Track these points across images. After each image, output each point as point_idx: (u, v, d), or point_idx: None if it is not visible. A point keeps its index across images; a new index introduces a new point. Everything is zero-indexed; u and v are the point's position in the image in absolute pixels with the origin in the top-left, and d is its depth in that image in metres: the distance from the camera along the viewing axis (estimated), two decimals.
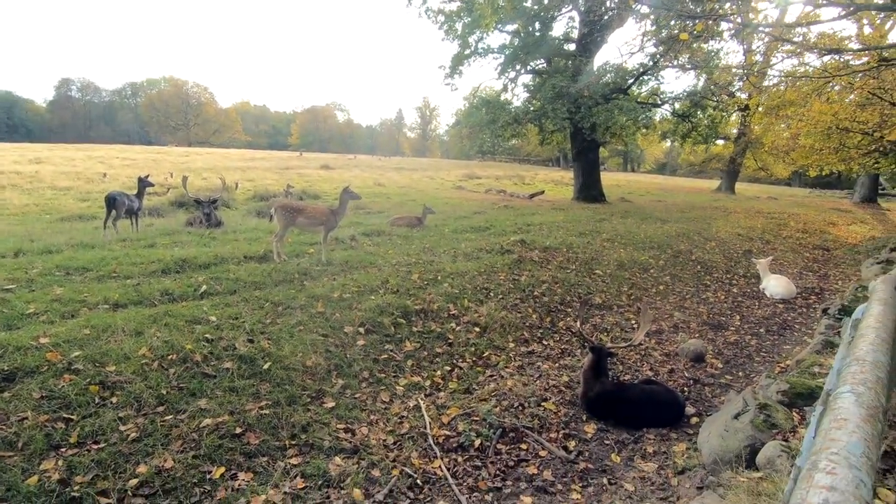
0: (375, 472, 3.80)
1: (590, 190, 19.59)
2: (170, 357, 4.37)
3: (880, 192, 28.77)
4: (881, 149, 14.64)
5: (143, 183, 9.54)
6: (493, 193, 21.62)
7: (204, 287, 5.94)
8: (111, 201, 8.68)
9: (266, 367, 4.59)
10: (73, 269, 6.16)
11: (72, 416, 3.61)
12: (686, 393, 5.43)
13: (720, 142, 30.99)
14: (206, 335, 4.77)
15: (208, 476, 3.50)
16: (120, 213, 8.80)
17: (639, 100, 18.29)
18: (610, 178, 31.42)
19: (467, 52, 19.12)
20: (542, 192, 21.73)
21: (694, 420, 4.81)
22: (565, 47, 19.56)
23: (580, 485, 3.95)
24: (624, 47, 46.05)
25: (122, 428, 3.63)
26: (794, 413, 3.60)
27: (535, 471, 4.07)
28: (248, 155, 41.13)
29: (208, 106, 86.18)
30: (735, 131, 29.09)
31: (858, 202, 25.80)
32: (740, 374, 6.06)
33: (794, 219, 17.90)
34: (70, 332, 4.43)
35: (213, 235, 8.92)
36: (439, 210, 12.95)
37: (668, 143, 49.95)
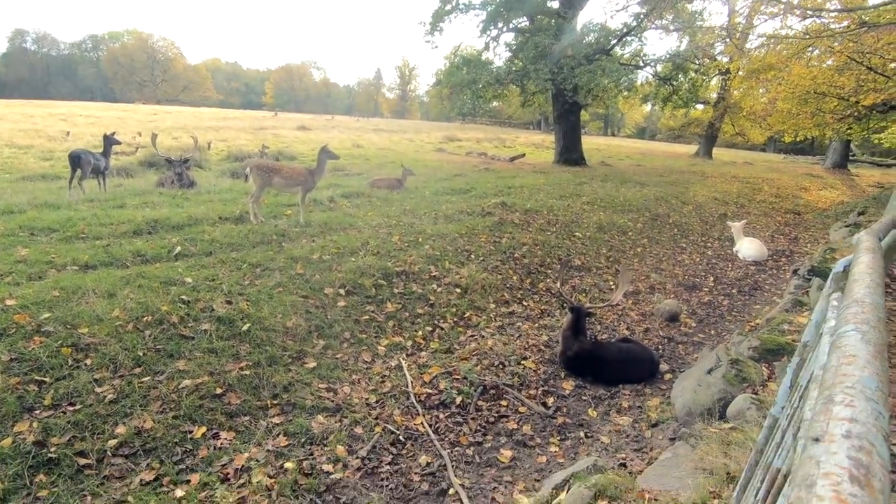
0: (358, 430, 3.85)
1: (570, 153, 19.51)
2: (145, 319, 4.28)
3: (851, 158, 29.42)
4: (855, 114, 14.87)
5: (108, 141, 9.09)
6: (473, 156, 21.38)
7: (178, 248, 5.78)
8: (76, 160, 8.27)
9: (245, 328, 4.53)
10: (38, 230, 5.91)
11: (44, 379, 3.53)
12: (660, 351, 5.59)
13: (700, 106, 31.03)
14: (183, 297, 4.67)
15: (189, 436, 3.49)
16: (86, 173, 8.41)
17: (622, 61, 18.05)
18: (590, 142, 31.38)
19: (448, 7, 18.44)
20: (523, 156, 21.58)
21: (667, 376, 4.98)
22: (549, 4, 19.02)
23: (558, 438, 4.07)
24: (608, 5, 45.05)
25: (98, 390, 3.57)
26: (763, 368, 3.74)
27: (515, 426, 4.18)
28: (221, 114, 39.62)
29: (176, 61, 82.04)
30: (715, 96, 29.13)
31: (830, 168, 26.40)
32: (712, 332, 6.26)
33: (767, 184, 18.25)
34: (38, 293, 4.28)
35: (186, 196, 8.63)
36: (419, 172, 12.76)
37: (648, 108, 49.88)
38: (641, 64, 19.18)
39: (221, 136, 20.66)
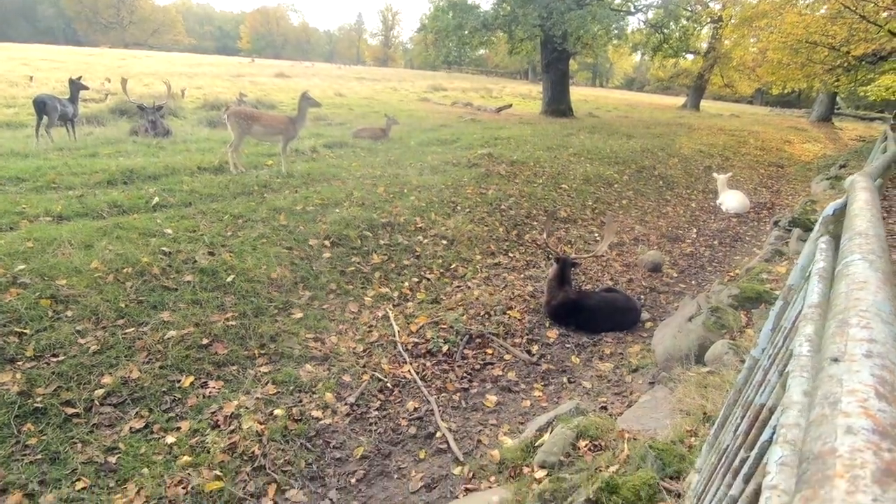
0: (346, 378, 3.90)
1: (558, 104, 19.14)
2: (125, 270, 4.19)
3: (836, 111, 29.44)
4: (845, 65, 14.73)
5: (75, 86, 8.60)
6: (459, 106, 20.85)
7: (156, 199, 5.61)
8: (41, 105, 7.84)
9: (229, 279, 4.49)
10: (6, 180, 5.66)
11: (24, 331, 3.47)
12: (642, 300, 5.71)
13: (690, 56, 30.43)
14: (163, 248, 4.57)
15: (177, 385, 3.50)
16: (53, 120, 8.00)
17: (612, 7, 17.45)
18: (578, 93, 30.80)
19: None
20: (510, 106, 21.12)
21: (648, 325, 5.11)
22: None
23: (542, 384, 4.19)
24: None
25: (81, 341, 3.53)
26: (742, 315, 3.84)
27: (500, 372, 4.28)
28: (195, 60, 37.68)
29: (144, 1, 77.03)
30: (705, 45, 28.56)
31: (815, 121, 26.41)
32: (693, 282, 6.40)
33: (753, 136, 18.24)
34: (11, 245, 4.14)
35: (162, 145, 8.31)
36: (404, 122, 12.44)
37: (638, 57, 48.77)
38: (633, 10, 18.59)
39: (196, 83, 19.74)
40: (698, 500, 1.50)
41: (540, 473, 2.77)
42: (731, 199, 9.57)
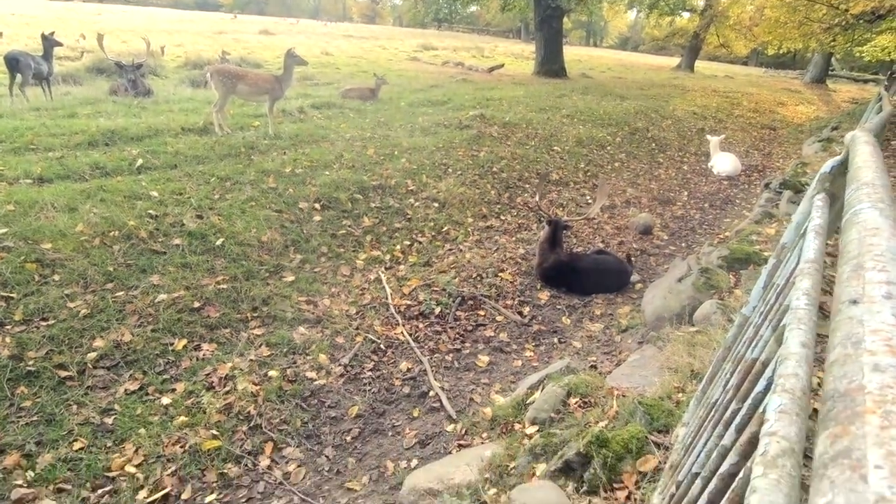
0: (340, 339, 3.93)
1: (551, 64, 18.71)
2: (111, 234, 4.12)
3: (830, 73, 29.16)
4: (843, 23, 14.47)
5: (48, 42, 8.21)
6: (450, 66, 20.30)
7: (140, 161, 5.46)
8: (13, 62, 7.49)
9: (219, 243, 4.43)
10: None
11: (11, 295, 3.42)
12: (633, 262, 5.75)
13: (686, 14, 29.72)
14: (150, 211, 4.49)
15: (170, 348, 3.51)
16: (27, 77, 7.67)
17: None
18: (572, 53, 30.08)
19: None
20: (502, 66, 20.60)
21: (638, 286, 5.17)
22: None
23: (533, 344, 4.26)
24: None
25: (70, 305, 3.50)
26: (731, 276, 3.89)
27: (492, 333, 4.34)
28: (174, 16, 36.09)
29: None
30: (702, 3, 27.84)
31: (809, 82, 26.19)
32: (683, 244, 6.45)
33: (747, 98, 18.07)
34: None
35: (143, 105, 8.03)
36: (393, 83, 12.11)
37: (633, 15, 47.54)
38: None
39: (176, 40, 18.96)
40: (686, 451, 1.54)
41: (531, 429, 2.84)
42: (723, 162, 9.55)
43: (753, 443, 0.74)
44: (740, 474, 0.66)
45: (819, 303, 0.96)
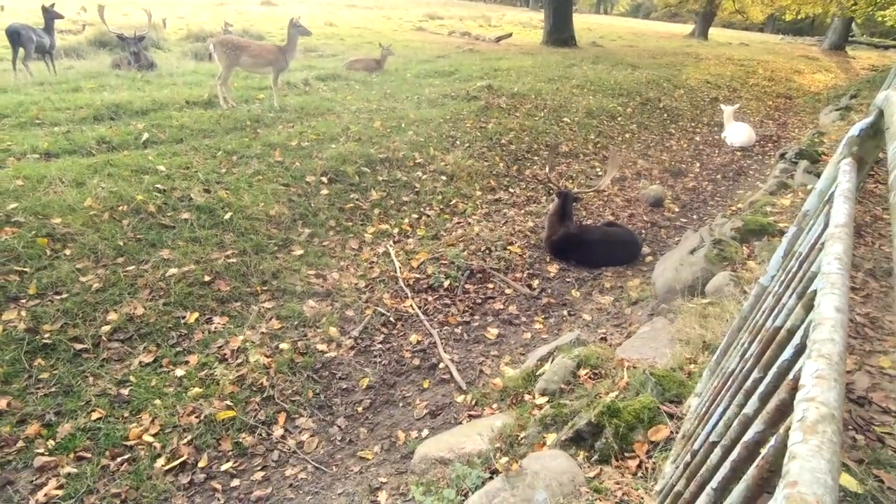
0: (349, 312, 3.95)
1: (560, 33, 18.20)
2: (120, 208, 4.12)
3: (850, 39, 28.14)
4: None
5: (49, 14, 8.07)
6: (457, 36, 19.83)
7: (146, 135, 5.42)
8: (15, 36, 7.40)
9: (227, 217, 4.43)
10: None
11: (24, 269, 3.45)
12: (643, 235, 5.69)
13: None
14: (157, 185, 4.47)
15: (182, 321, 3.54)
16: (29, 51, 7.58)
17: None
18: (582, 22, 29.25)
19: None
20: (510, 35, 20.09)
21: (649, 259, 5.12)
22: None
23: (542, 317, 4.26)
24: None
25: (82, 279, 3.53)
26: (744, 248, 3.83)
27: (501, 306, 4.34)
28: None
29: None
30: None
31: (827, 49, 25.32)
32: (695, 217, 6.36)
33: (762, 66, 17.54)
34: (0, 183, 4.04)
35: (147, 79, 7.94)
36: (399, 53, 11.84)
37: None
38: None
39: (177, 12, 18.62)
40: (700, 420, 1.53)
41: (541, 400, 2.86)
42: (737, 133, 9.32)
43: (782, 410, 0.72)
44: (771, 441, 0.64)
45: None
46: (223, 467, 2.75)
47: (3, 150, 4.65)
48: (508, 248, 5.07)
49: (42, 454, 2.62)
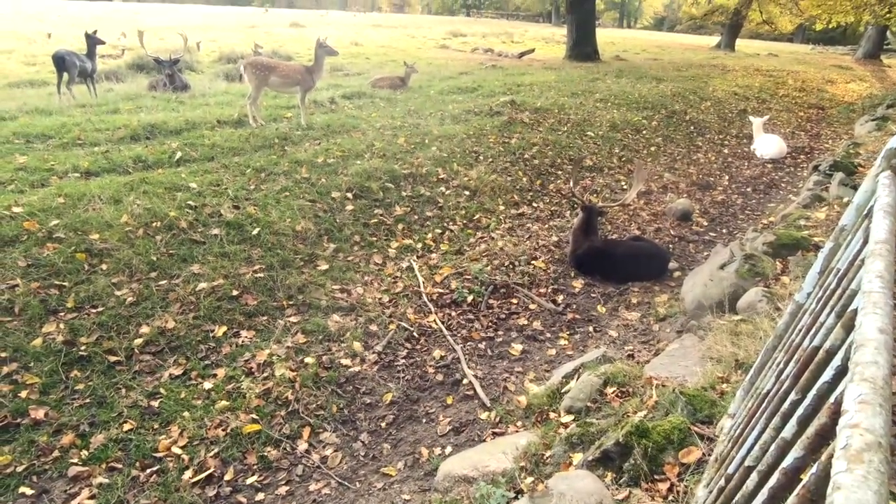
0: (373, 327, 3.97)
1: (583, 47, 18.21)
2: (154, 224, 4.26)
3: (885, 47, 27.33)
4: None
5: (92, 40, 8.50)
6: (479, 52, 20.06)
7: (179, 154, 5.62)
8: (60, 61, 7.80)
9: (255, 232, 4.53)
10: (33, 137, 5.72)
11: (63, 283, 3.59)
12: (671, 249, 5.58)
13: None
14: (189, 202, 4.61)
15: (211, 335, 3.61)
16: (73, 75, 7.98)
17: None
18: (605, 35, 29.24)
19: None
20: (533, 51, 20.21)
21: (677, 274, 5.01)
22: None
23: (567, 333, 4.20)
24: None
25: (117, 293, 3.65)
26: (777, 263, 3.71)
27: (526, 322, 4.29)
28: (208, 12, 36.87)
29: None
30: None
31: (861, 58, 24.63)
32: (724, 231, 6.21)
33: (792, 77, 17.17)
34: (43, 200, 4.23)
35: (181, 100, 8.25)
36: (423, 71, 12.04)
37: None
38: None
39: (210, 35, 19.37)
40: (734, 443, 1.48)
41: (567, 418, 2.80)
42: (767, 144, 9.11)
43: (822, 435, 0.69)
44: (813, 469, 0.61)
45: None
46: (248, 481, 2.77)
47: (46, 170, 4.88)
48: (532, 262, 5.04)
49: (76, 464, 2.68)
